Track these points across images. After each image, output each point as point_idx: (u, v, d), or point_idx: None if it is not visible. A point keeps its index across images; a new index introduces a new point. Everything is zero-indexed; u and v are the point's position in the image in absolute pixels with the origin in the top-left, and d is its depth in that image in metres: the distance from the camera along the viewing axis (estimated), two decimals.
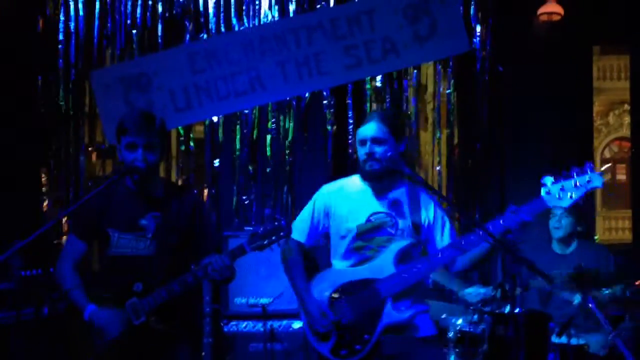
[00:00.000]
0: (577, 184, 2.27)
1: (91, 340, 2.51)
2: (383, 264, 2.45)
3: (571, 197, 2.28)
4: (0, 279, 2.81)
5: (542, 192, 2.30)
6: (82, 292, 2.56)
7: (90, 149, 4.84)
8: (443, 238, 2.52)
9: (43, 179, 4.75)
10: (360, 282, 2.45)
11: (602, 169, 2.40)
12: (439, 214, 2.51)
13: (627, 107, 12.17)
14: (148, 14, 4.82)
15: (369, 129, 2.47)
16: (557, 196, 2.28)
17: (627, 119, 13.18)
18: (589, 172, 2.28)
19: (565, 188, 2.28)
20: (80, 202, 2.46)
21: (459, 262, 2.49)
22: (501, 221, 2.32)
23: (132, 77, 4.56)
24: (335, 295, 2.46)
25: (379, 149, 2.45)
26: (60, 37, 4.78)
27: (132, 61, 4.74)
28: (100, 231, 2.60)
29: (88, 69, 4.74)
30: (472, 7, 4.71)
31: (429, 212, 2.52)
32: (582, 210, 3.77)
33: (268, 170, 4.81)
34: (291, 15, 4.76)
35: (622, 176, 14.49)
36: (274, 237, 2.45)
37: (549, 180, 2.30)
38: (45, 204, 4.71)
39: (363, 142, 2.48)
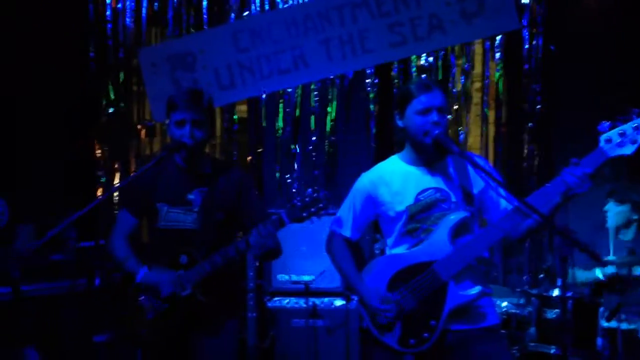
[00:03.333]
0: (639, 126, 2.04)
1: (142, 311, 2.57)
2: (438, 243, 2.28)
3: (634, 141, 2.06)
4: (56, 250, 2.92)
5: (601, 140, 2.08)
6: (134, 260, 2.64)
7: (138, 126, 4.91)
8: (501, 207, 2.34)
9: (96, 156, 4.85)
10: (417, 266, 2.29)
11: None
12: (490, 182, 2.28)
13: None
14: None
15: (436, 97, 2.30)
16: (618, 142, 2.06)
17: None
18: None
19: (625, 132, 2.06)
20: (130, 178, 2.51)
21: (518, 230, 2.28)
22: (561, 179, 2.12)
23: (178, 56, 4.62)
24: (393, 283, 2.32)
25: (444, 119, 2.30)
26: (109, 16, 4.84)
27: (179, 40, 4.78)
28: (150, 206, 2.67)
29: (136, 48, 4.81)
30: None
31: (479, 180, 2.33)
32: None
33: (310, 148, 4.80)
34: None
35: None
36: (313, 209, 2.43)
37: (606, 125, 2.08)
38: (97, 180, 4.82)
39: (426, 111, 2.29)
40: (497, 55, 4.62)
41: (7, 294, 2.85)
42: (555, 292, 3.28)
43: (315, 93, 4.81)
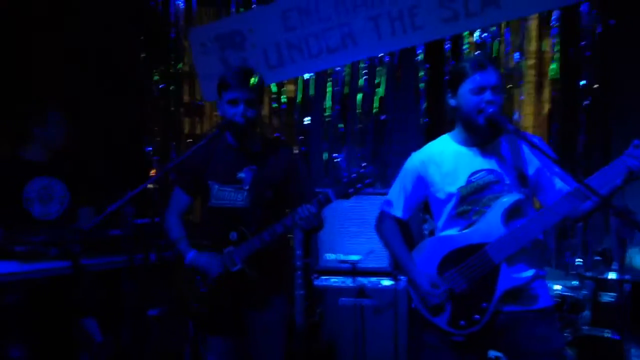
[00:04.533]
0: None
1: (195, 286, 2.64)
2: (491, 225, 2.24)
3: None
4: (114, 225, 3.03)
5: None
6: (185, 242, 2.72)
7: (190, 106, 4.99)
8: (557, 188, 2.28)
9: (147, 136, 4.96)
10: (469, 248, 2.26)
11: None
12: (547, 162, 2.25)
13: None
14: None
15: (490, 76, 2.24)
16: None
17: None
18: None
19: None
20: (182, 157, 2.57)
21: (576, 212, 2.22)
22: (622, 161, 2.06)
23: (227, 35, 4.64)
24: (444, 265, 2.30)
25: (499, 98, 2.24)
26: None
27: (227, 19, 4.80)
28: (202, 184, 2.72)
29: (187, 28, 4.86)
30: None
31: (534, 161, 2.28)
32: None
33: (358, 127, 4.77)
34: None
35: None
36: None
37: None
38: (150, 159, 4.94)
39: (481, 90, 2.23)
40: (554, 30, 4.45)
41: (68, 267, 2.98)
42: (612, 275, 3.18)
43: (364, 71, 4.76)
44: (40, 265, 2.99)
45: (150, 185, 2.40)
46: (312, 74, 4.77)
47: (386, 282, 3.87)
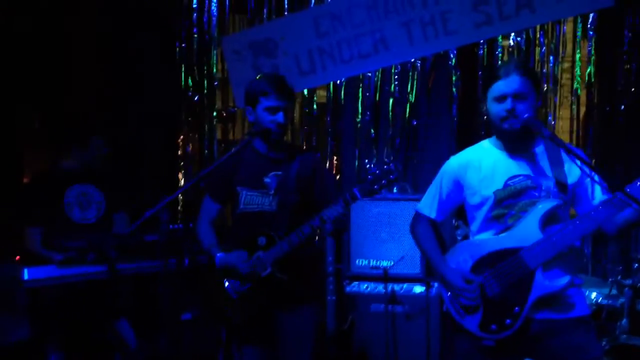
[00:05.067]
0: None
1: (226, 292, 2.68)
2: (528, 230, 2.21)
3: None
4: (149, 231, 3.11)
5: None
6: (216, 248, 2.75)
7: (222, 113, 5.06)
8: (594, 195, 2.25)
9: (180, 144, 5.04)
10: (503, 252, 2.24)
11: None
12: (585, 170, 2.21)
13: None
14: None
15: (511, 83, 2.23)
16: None
17: None
18: None
19: None
20: (215, 164, 2.61)
21: (612, 223, 2.19)
22: None
23: (259, 42, 4.68)
24: (478, 267, 2.28)
25: (521, 105, 2.22)
26: (195, 5, 4.99)
27: (260, 26, 4.85)
28: (231, 190, 2.76)
29: (220, 36, 4.94)
30: None
31: (573, 168, 2.24)
32: None
33: (390, 133, 4.77)
34: None
35: None
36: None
37: None
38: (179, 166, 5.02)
39: (502, 98, 2.24)
40: (590, 34, 4.37)
41: (104, 272, 3.06)
42: None
43: (396, 77, 4.75)
44: (78, 270, 3.08)
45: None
46: (343, 80, 4.78)
47: (418, 289, 3.85)
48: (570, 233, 2.16)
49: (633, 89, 4.30)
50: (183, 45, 4.97)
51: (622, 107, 4.29)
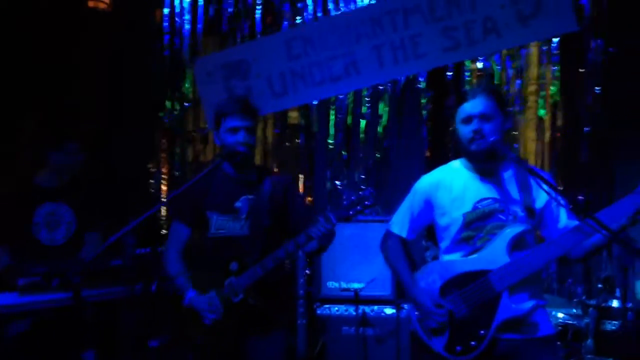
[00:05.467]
0: None
1: (197, 318, 2.63)
2: (495, 253, 2.25)
3: None
4: (114, 256, 3.06)
5: None
6: (184, 278, 2.70)
7: (194, 134, 5.05)
8: (560, 219, 2.29)
9: (151, 164, 5.02)
10: (472, 274, 2.27)
11: None
12: (552, 194, 2.24)
13: None
14: (249, 1, 4.93)
15: (476, 105, 2.28)
16: None
17: None
18: None
19: None
20: (184, 187, 2.55)
21: (580, 248, 2.22)
22: (628, 202, 2.06)
23: (232, 64, 4.71)
24: (446, 289, 2.31)
25: (487, 126, 2.26)
26: (167, 26, 5.00)
27: (233, 48, 4.88)
28: (201, 214, 2.73)
29: (192, 57, 4.95)
30: None
31: (540, 193, 2.28)
32: None
33: (362, 155, 4.80)
34: None
35: None
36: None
37: None
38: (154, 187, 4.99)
39: (468, 120, 2.29)
40: (554, 58, 4.49)
41: (69, 299, 3.00)
42: (615, 303, 3.16)
43: (367, 99, 4.81)
44: (42, 297, 3.00)
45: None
46: (315, 102, 4.82)
47: (389, 311, 3.86)
48: (537, 258, 2.20)
49: (597, 112, 4.41)
50: (156, 66, 4.96)
51: (587, 129, 4.39)
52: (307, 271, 3.93)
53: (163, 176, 5.01)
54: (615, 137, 4.37)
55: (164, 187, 4.98)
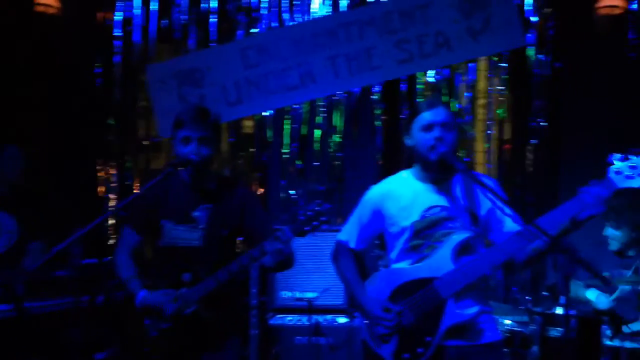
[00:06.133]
0: None
1: (146, 329, 2.58)
2: (441, 261, 2.29)
3: None
4: (60, 266, 2.96)
5: (610, 171, 2.09)
6: (137, 281, 2.64)
7: (145, 142, 4.97)
8: (506, 226, 2.33)
9: (100, 172, 4.90)
10: (418, 282, 2.29)
11: None
12: (496, 201, 2.25)
13: None
14: (202, 9, 4.90)
15: (439, 114, 2.32)
16: (627, 175, 2.07)
17: None
18: None
19: (637, 166, 2.06)
20: (135, 195, 2.52)
21: (523, 253, 2.26)
22: (568, 206, 2.11)
23: (185, 72, 4.66)
24: (394, 296, 2.33)
25: (448, 135, 2.30)
26: (118, 32, 4.91)
27: (187, 56, 4.83)
28: (154, 223, 2.68)
29: (144, 64, 4.87)
30: (528, 1, 4.59)
31: (485, 200, 2.32)
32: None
33: (316, 165, 4.82)
34: (343, 9, 4.75)
35: None
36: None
37: (617, 157, 2.09)
38: (103, 195, 4.87)
39: (429, 127, 2.31)
40: (503, 71, 4.63)
41: (10, 310, 2.88)
42: (559, 310, 3.26)
43: (322, 109, 4.84)
44: None
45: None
46: (270, 111, 4.82)
47: (342, 320, 3.87)
48: (481, 264, 2.24)
49: (543, 124, 4.56)
50: (106, 72, 4.87)
51: (533, 141, 4.54)
52: (259, 280, 3.91)
53: (112, 185, 4.91)
54: (560, 147, 4.54)
55: (112, 196, 4.88)
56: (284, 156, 4.87)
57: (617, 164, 2.08)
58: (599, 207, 2.08)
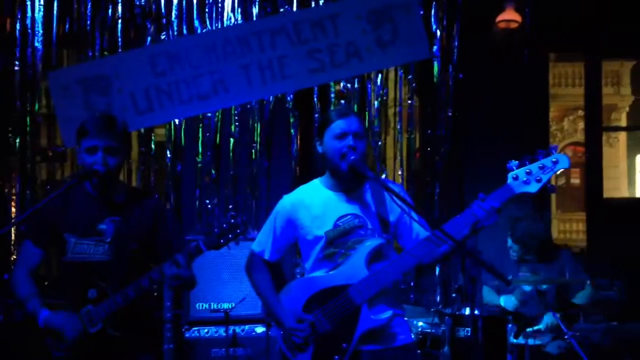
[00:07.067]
0: (544, 166, 2.17)
1: (47, 349, 2.45)
2: (355, 268, 2.33)
3: (539, 180, 2.17)
4: None
5: (509, 177, 2.18)
6: (37, 300, 2.50)
7: (48, 152, 4.72)
8: (414, 231, 2.41)
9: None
10: (333, 289, 2.32)
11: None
12: (404, 208, 2.34)
13: (581, 113, 12.55)
14: (108, 15, 4.74)
15: (352, 123, 2.36)
16: (524, 180, 2.17)
17: (581, 125, 13.61)
18: (554, 153, 2.17)
19: (532, 171, 2.17)
20: (36, 207, 2.39)
21: (431, 257, 2.34)
22: (471, 212, 2.21)
23: (91, 79, 4.47)
24: (309, 305, 2.35)
25: (360, 144, 2.35)
26: (17, 38, 4.65)
27: (92, 62, 4.65)
28: (57, 237, 2.55)
29: (46, 71, 4.63)
30: (433, 14, 4.80)
31: (394, 207, 2.39)
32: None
33: (231, 174, 4.78)
34: (254, 18, 4.75)
35: (575, 180, 14.96)
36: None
37: (514, 164, 2.19)
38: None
39: (342, 136, 2.35)
40: (411, 83, 4.82)
41: None
42: (467, 311, 3.41)
43: (236, 118, 4.81)
44: None
45: None
46: (182, 119, 4.72)
47: (259, 329, 3.85)
48: (394, 269, 2.31)
49: (450, 133, 4.78)
50: (5, 79, 4.60)
51: (442, 150, 4.75)
52: (173, 293, 3.81)
53: (13, 197, 4.62)
54: (465, 155, 4.77)
55: (14, 209, 4.59)
56: (198, 165, 4.78)
57: (515, 170, 2.18)
58: (492, 219, 2.19)
